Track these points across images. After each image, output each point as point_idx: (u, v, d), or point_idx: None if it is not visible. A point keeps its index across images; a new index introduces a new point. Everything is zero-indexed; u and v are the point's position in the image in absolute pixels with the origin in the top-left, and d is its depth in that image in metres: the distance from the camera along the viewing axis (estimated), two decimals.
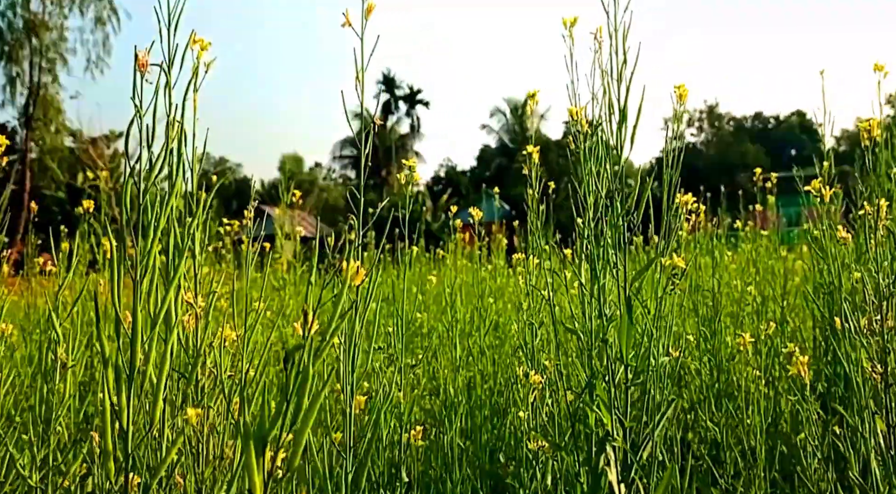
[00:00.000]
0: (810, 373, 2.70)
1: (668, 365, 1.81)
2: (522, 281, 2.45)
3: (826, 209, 1.66)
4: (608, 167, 1.89)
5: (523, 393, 1.87)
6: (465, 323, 3.31)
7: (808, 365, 2.54)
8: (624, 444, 1.72)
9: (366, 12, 1.27)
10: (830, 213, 2.55)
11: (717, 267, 3.96)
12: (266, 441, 0.87)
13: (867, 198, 1.55)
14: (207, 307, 1.46)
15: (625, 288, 1.80)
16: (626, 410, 1.76)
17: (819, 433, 1.64)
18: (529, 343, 2.08)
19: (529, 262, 2.45)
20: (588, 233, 1.87)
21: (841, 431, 1.63)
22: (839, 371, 2.13)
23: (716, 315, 2.68)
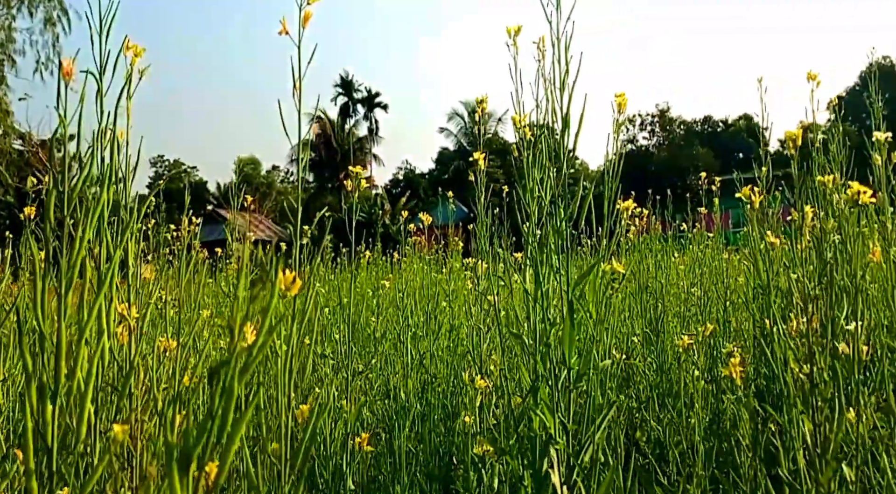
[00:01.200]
0: (751, 369, 2.79)
1: (610, 367, 1.84)
2: (471, 285, 2.47)
3: (757, 213, 1.71)
4: (552, 174, 1.92)
5: (469, 397, 1.88)
6: (419, 326, 3.31)
7: (748, 363, 2.62)
8: (566, 447, 1.75)
9: (302, 20, 1.26)
10: (768, 217, 2.64)
11: (661, 269, 4.06)
12: (190, 459, 0.86)
13: (793, 204, 1.61)
14: (142, 316, 1.43)
15: (568, 293, 1.83)
16: (568, 413, 1.79)
17: (750, 430, 1.70)
18: (477, 347, 2.09)
19: (478, 267, 2.47)
20: (532, 239, 1.89)
21: (776, 429, 1.68)
22: (771, 371, 2.21)
23: (659, 316, 2.74)
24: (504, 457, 1.83)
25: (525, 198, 1.89)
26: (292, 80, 1.24)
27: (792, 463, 1.55)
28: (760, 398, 2.45)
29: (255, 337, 0.99)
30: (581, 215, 1.87)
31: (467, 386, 1.90)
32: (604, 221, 1.94)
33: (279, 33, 1.26)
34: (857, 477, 1.45)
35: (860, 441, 1.48)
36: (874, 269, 1.56)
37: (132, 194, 1.55)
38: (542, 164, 1.93)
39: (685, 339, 2.07)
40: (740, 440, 1.70)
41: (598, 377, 1.80)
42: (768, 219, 2.57)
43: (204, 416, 0.86)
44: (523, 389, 1.91)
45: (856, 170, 2.64)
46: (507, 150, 8.37)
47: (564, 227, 1.87)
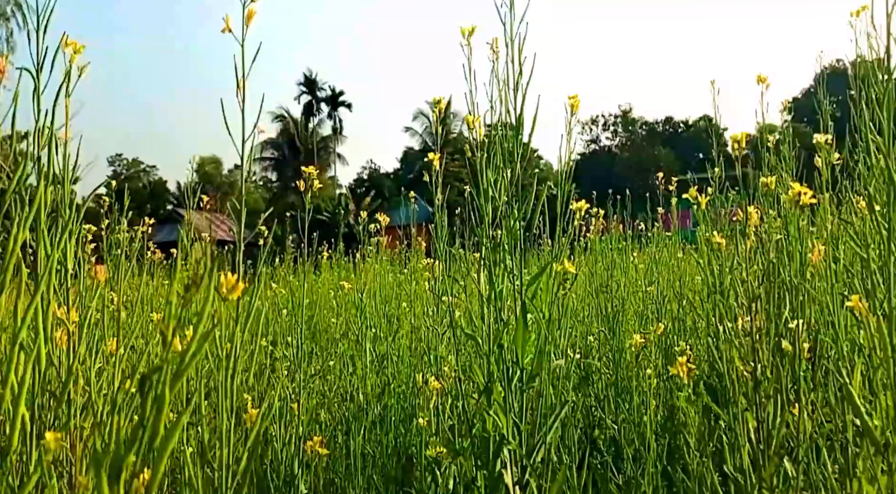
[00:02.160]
0: (705, 367, 2.84)
1: (563, 367, 1.86)
2: (427, 286, 2.47)
3: (710, 214, 1.74)
4: (506, 175, 1.92)
5: (423, 398, 1.87)
6: (379, 328, 3.30)
7: (703, 361, 2.67)
8: (520, 447, 1.75)
9: (246, 18, 1.24)
10: (720, 217, 2.69)
11: (617, 268, 4.11)
12: (121, 467, 0.83)
13: (739, 204, 1.64)
14: (84, 320, 1.39)
15: (521, 294, 1.84)
16: (522, 413, 1.80)
17: (697, 428, 1.73)
18: (433, 348, 2.09)
19: (435, 268, 2.46)
20: (486, 241, 1.90)
21: (725, 426, 1.71)
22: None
23: (615, 315, 2.77)
24: (458, 459, 1.83)
25: (479, 199, 1.89)
26: (235, 79, 1.22)
27: (738, 460, 1.58)
28: (714, 395, 2.50)
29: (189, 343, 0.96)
30: (535, 216, 1.88)
31: (422, 387, 1.89)
32: (557, 222, 1.95)
33: (222, 31, 1.23)
34: (800, 472, 1.49)
35: (803, 436, 1.51)
36: (820, 268, 1.61)
37: (89, 194, 1.51)
38: (497, 165, 1.93)
39: (637, 338, 2.09)
40: (687, 438, 1.73)
41: (551, 377, 1.81)
42: (720, 218, 2.62)
43: (135, 424, 0.84)
44: (478, 390, 1.91)
45: (805, 171, 2.71)
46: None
47: (518, 228, 1.88)
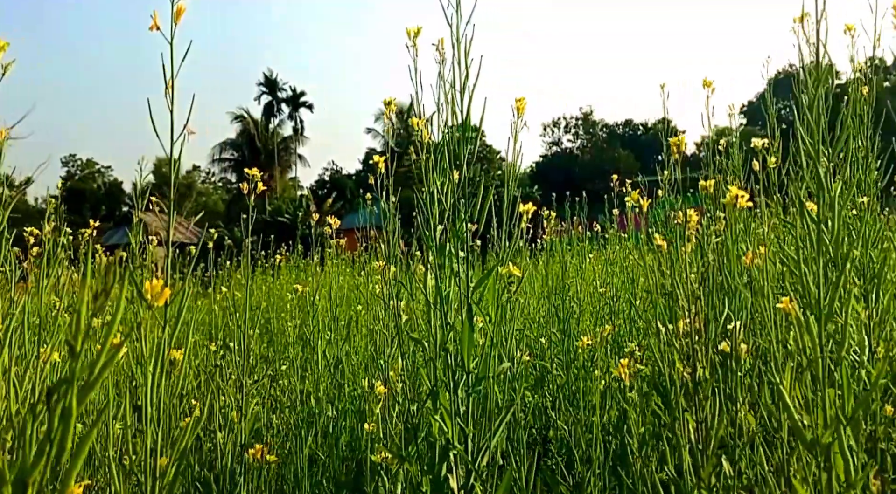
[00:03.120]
0: (655, 369, 2.88)
1: (511, 369, 1.85)
2: (378, 290, 2.44)
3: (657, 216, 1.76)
4: (453, 177, 1.91)
5: (370, 404, 1.85)
6: (335, 331, 3.25)
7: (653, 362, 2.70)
8: (464, 451, 1.74)
9: (175, 16, 1.20)
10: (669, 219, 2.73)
11: (573, 269, 4.14)
12: (26, 484, 0.79)
13: (680, 208, 1.66)
14: (8, 327, 1.33)
15: (467, 297, 1.83)
16: (467, 417, 1.79)
17: (638, 429, 1.74)
18: (381, 353, 2.06)
19: (386, 271, 2.44)
20: (432, 244, 1.88)
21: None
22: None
23: (566, 316, 2.78)
24: (404, 464, 1.81)
25: (425, 201, 1.88)
26: (164, 79, 1.18)
27: (679, 460, 1.60)
28: (665, 396, 2.52)
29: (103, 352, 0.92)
30: (482, 218, 1.88)
31: (368, 392, 1.87)
32: (503, 224, 1.95)
33: (150, 29, 1.19)
34: (737, 472, 1.51)
35: (740, 436, 1.53)
36: (754, 270, 1.63)
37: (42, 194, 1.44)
38: (444, 168, 1.92)
39: (585, 340, 2.10)
40: (629, 440, 1.74)
41: (497, 380, 1.81)
42: (669, 221, 2.66)
43: (42, 438, 0.80)
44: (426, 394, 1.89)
45: (753, 175, 2.77)
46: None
47: (465, 231, 1.87)
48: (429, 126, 2.00)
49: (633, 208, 1.87)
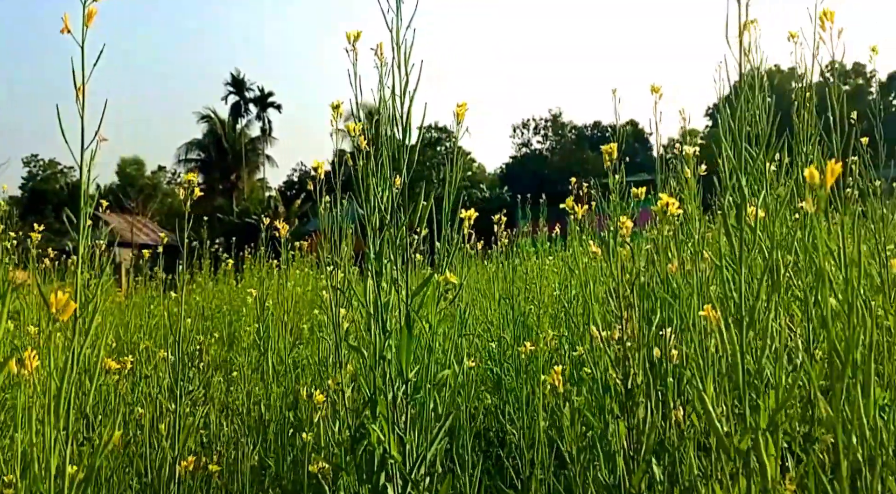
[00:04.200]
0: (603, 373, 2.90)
1: (453, 377, 1.85)
2: (327, 295, 2.42)
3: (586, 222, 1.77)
4: (394, 183, 1.90)
5: (307, 412, 1.82)
6: (285, 337, 3.21)
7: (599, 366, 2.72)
8: (402, 460, 1.73)
9: (86, 18, 1.17)
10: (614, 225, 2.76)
11: (533, 272, 4.16)
12: None
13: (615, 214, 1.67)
14: None
15: (406, 304, 1.82)
16: (406, 426, 1.77)
17: (573, 436, 1.74)
18: (325, 360, 2.04)
19: (335, 276, 2.41)
20: (371, 250, 1.87)
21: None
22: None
23: (516, 320, 2.79)
24: (341, 473, 1.79)
25: (364, 208, 1.86)
26: (73, 84, 1.14)
27: (613, 466, 1.60)
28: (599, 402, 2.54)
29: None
30: (422, 223, 1.86)
31: (305, 401, 1.85)
32: (443, 230, 1.94)
33: (61, 32, 1.16)
34: (666, 477, 1.52)
35: (671, 441, 1.55)
36: (678, 278, 1.65)
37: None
38: (383, 174, 1.90)
39: (528, 345, 2.11)
40: (562, 446, 1.74)
41: (436, 388, 1.80)
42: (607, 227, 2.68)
43: None
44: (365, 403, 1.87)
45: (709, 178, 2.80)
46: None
47: (404, 236, 1.86)
48: (369, 132, 1.98)
49: (567, 213, 1.87)
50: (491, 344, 2.80)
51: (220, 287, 7.37)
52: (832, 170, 0.98)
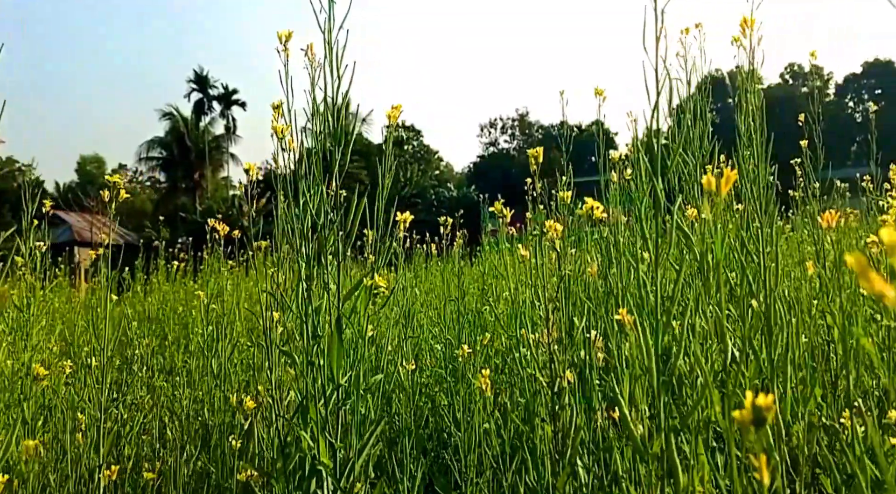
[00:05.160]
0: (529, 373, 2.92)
1: (383, 381, 1.83)
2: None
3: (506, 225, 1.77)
4: (323, 186, 1.87)
5: (237, 419, 1.79)
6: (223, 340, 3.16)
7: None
8: (333, 467, 1.71)
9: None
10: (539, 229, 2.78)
11: (490, 274, 4.17)
12: None
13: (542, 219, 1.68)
14: None
15: (338, 308, 1.80)
16: (337, 432, 1.75)
17: (497, 440, 1.75)
18: (256, 366, 2.01)
19: (274, 279, 2.38)
20: (302, 255, 1.84)
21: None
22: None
23: (458, 321, 2.79)
24: (270, 481, 1.76)
25: (292, 212, 1.83)
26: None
27: (541, 469, 1.61)
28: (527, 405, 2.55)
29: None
30: (354, 228, 1.85)
31: (234, 407, 1.81)
32: (377, 232, 1.92)
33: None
34: (592, 479, 1.53)
35: (596, 442, 1.55)
36: (598, 281, 1.66)
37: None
38: (315, 177, 1.88)
39: (464, 349, 2.11)
40: (486, 450, 1.74)
41: (368, 392, 1.78)
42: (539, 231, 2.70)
43: None
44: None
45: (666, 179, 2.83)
46: (371, 151, 8.34)
47: (335, 240, 1.84)
48: (300, 134, 1.95)
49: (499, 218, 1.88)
50: (437, 346, 2.79)
51: (176, 288, 7.24)
52: (728, 177, 0.99)
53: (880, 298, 0.63)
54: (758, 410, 0.71)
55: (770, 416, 0.72)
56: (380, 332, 2.91)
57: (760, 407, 0.70)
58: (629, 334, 1.30)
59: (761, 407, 0.70)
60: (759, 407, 0.71)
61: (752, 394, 0.73)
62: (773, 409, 0.75)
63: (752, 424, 0.72)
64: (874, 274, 0.62)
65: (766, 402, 0.70)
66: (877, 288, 0.62)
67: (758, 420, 0.71)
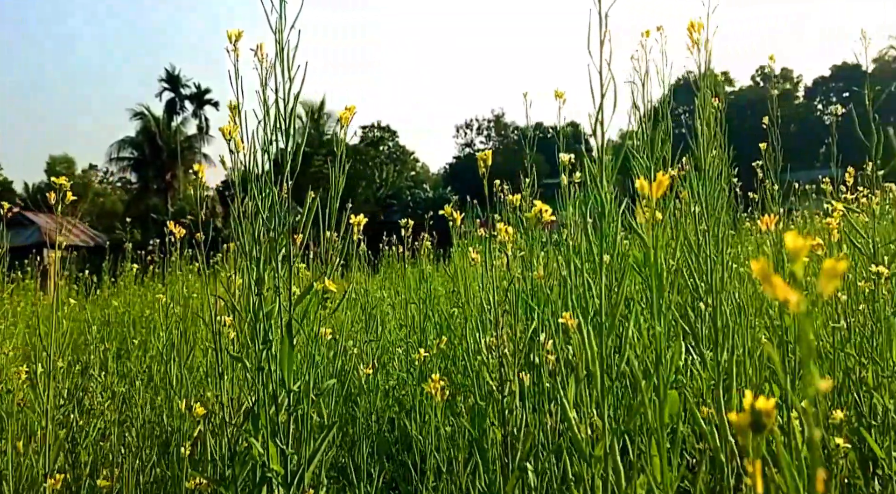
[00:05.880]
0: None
1: (337, 386, 1.81)
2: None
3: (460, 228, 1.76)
4: (272, 189, 1.85)
5: (187, 425, 1.76)
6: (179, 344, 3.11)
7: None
8: (283, 473, 1.68)
9: None
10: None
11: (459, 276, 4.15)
12: None
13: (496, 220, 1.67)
14: None
15: (289, 312, 1.77)
16: (288, 438, 1.73)
17: (446, 445, 1.74)
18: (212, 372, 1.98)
19: (232, 284, 2.34)
20: (250, 258, 1.81)
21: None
22: None
23: (421, 325, 2.78)
24: (220, 489, 1.73)
25: (238, 213, 1.81)
26: None
27: (491, 474, 1.60)
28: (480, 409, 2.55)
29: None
30: (305, 228, 1.82)
31: (185, 413, 1.78)
32: (327, 233, 1.90)
33: None
34: (542, 482, 1.52)
35: (545, 445, 1.55)
36: (545, 285, 1.66)
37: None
38: (263, 178, 1.85)
39: (421, 352, 2.09)
40: (434, 454, 1.73)
41: (321, 397, 1.76)
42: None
43: None
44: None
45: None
46: (346, 153, 8.16)
47: (284, 242, 1.81)
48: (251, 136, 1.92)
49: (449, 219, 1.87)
50: (398, 349, 2.78)
51: (143, 290, 7.12)
52: (660, 181, 0.99)
53: (784, 304, 0.63)
54: (757, 413, 0.66)
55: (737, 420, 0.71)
56: (339, 336, 2.89)
57: (761, 411, 0.66)
58: (573, 336, 1.29)
59: (761, 411, 0.66)
60: (758, 411, 0.66)
61: (752, 397, 0.68)
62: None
63: (750, 428, 0.67)
64: (777, 280, 0.62)
65: (766, 406, 0.66)
66: (780, 294, 0.62)
67: (757, 424, 0.67)
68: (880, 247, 2.33)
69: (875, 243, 2.32)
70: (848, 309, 2.36)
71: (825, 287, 0.58)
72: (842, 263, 0.58)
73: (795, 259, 0.61)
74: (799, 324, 0.58)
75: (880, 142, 2.40)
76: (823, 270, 0.58)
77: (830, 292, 0.59)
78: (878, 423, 2.13)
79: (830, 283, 0.58)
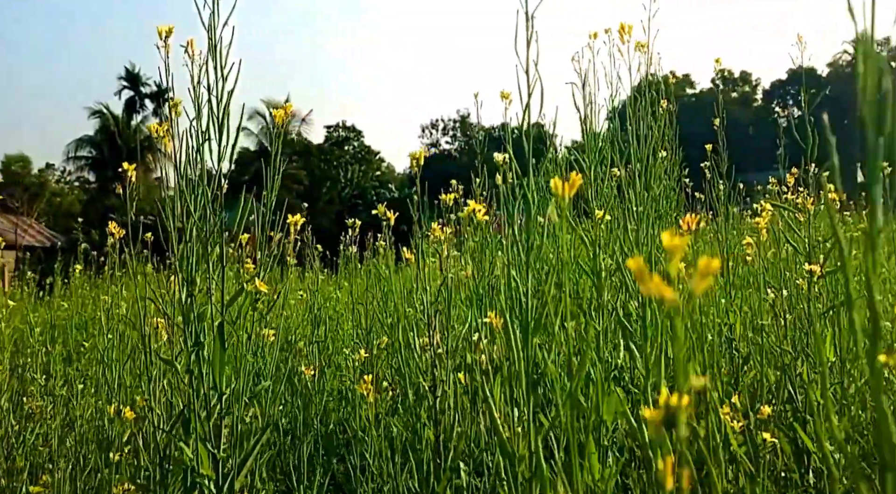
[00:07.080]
0: None
1: (271, 388, 1.78)
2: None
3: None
4: (205, 188, 1.81)
5: (117, 431, 1.71)
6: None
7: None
8: (215, 478, 1.65)
9: None
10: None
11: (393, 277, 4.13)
12: None
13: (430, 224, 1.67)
14: None
15: (221, 314, 1.74)
16: (219, 442, 1.69)
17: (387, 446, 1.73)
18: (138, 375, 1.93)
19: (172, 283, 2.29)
20: (183, 260, 1.77)
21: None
22: None
23: (368, 328, 2.76)
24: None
25: (166, 213, 1.77)
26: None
27: (423, 474, 1.59)
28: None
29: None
30: (240, 230, 1.79)
31: (114, 418, 1.73)
32: (263, 236, 1.87)
33: None
34: (486, 484, 1.52)
35: (480, 445, 1.55)
36: (470, 284, 1.66)
37: None
38: (191, 179, 1.81)
39: (361, 353, 2.08)
40: (367, 457, 1.72)
41: (255, 400, 1.73)
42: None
43: None
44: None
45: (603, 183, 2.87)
46: (312, 152, 8.19)
47: (216, 242, 1.78)
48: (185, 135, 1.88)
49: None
50: (346, 350, 2.75)
51: (95, 292, 6.94)
52: (573, 181, 0.99)
53: (659, 299, 0.63)
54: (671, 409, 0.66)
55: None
56: (291, 336, 2.86)
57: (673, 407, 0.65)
58: (498, 336, 1.29)
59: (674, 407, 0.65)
60: (672, 407, 0.65)
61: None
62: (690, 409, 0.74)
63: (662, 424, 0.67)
64: (655, 277, 0.62)
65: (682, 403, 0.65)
66: (653, 291, 0.62)
67: (670, 421, 0.67)
68: (815, 247, 2.39)
69: (810, 242, 2.38)
70: (786, 307, 2.41)
71: (697, 285, 0.59)
72: (715, 261, 0.59)
73: (671, 257, 0.61)
74: (672, 322, 0.58)
75: (815, 143, 2.46)
76: (697, 269, 0.59)
77: (702, 290, 0.60)
78: (811, 418, 2.18)
79: (703, 281, 0.59)
